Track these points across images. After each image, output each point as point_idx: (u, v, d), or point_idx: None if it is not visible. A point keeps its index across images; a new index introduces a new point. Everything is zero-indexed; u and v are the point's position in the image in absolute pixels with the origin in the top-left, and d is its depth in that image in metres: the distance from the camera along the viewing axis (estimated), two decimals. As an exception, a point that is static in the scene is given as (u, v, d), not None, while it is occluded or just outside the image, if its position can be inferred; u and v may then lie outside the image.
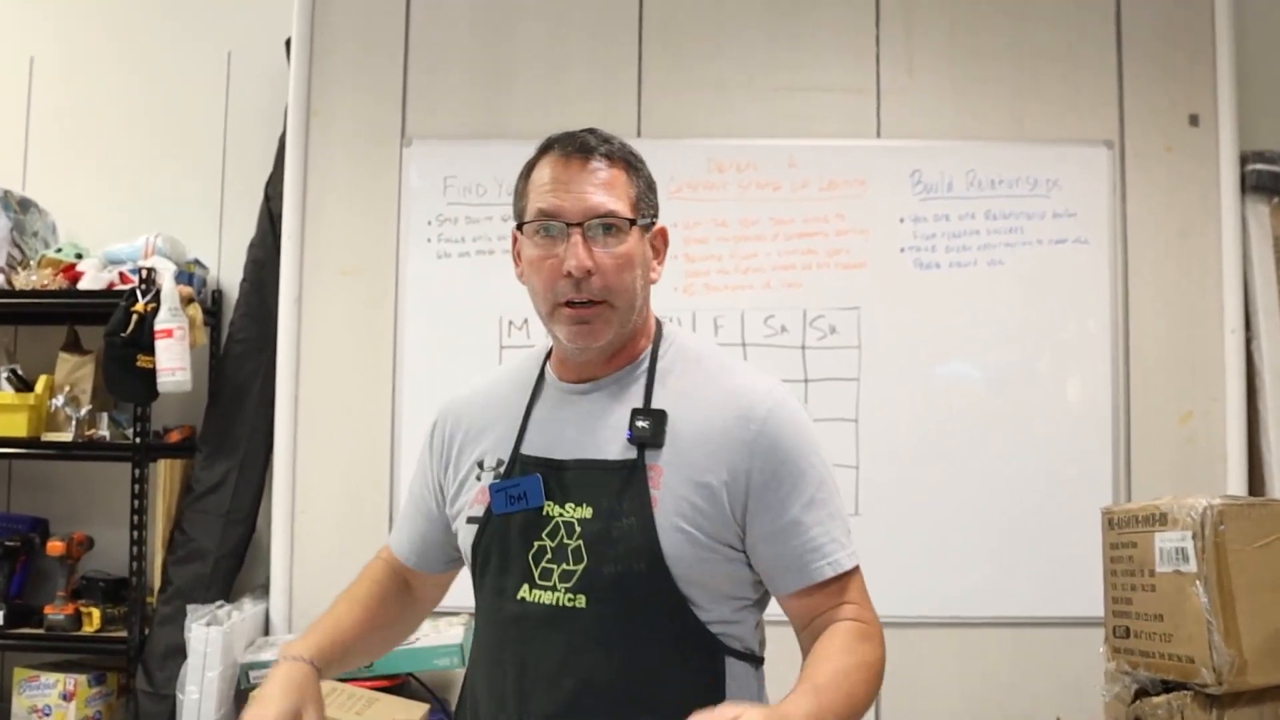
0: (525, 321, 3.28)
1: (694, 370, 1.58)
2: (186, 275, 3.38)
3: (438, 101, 3.38)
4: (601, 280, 1.48)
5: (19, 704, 3.17)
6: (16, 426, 3.27)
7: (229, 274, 3.59)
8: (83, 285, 3.33)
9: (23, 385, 3.32)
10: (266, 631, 3.28)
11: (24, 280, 3.31)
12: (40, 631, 3.22)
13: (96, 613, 3.23)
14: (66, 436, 3.28)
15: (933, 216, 3.28)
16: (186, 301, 3.27)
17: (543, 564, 1.49)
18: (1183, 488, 3.13)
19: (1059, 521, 3.18)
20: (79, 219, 3.59)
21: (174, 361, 3.18)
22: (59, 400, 3.29)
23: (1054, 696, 3.16)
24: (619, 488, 1.47)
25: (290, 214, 3.35)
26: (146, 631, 3.24)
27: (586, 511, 1.48)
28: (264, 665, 3.02)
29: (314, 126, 3.39)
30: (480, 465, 1.60)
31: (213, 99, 3.65)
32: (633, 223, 1.51)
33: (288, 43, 3.44)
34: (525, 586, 1.49)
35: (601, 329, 1.51)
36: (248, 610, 3.20)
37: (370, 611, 1.71)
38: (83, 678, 3.19)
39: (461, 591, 1.74)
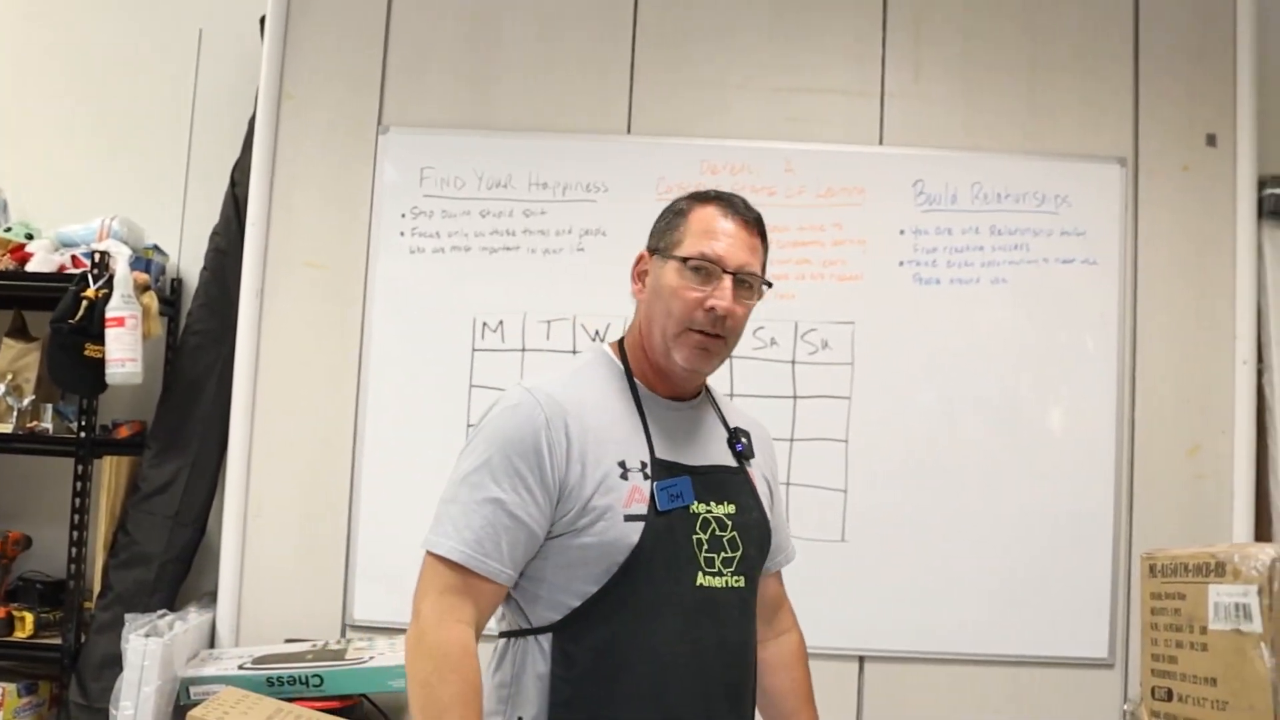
0: (500, 324, 3.10)
1: (723, 398, 1.94)
2: (144, 262, 3.20)
3: (418, 90, 3.20)
4: (732, 321, 1.74)
5: (-58, 712, 2.96)
6: (-47, 415, 3.07)
7: (190, 262, 3.40)
8: (31, 267, 3.14)
9: (-39, 371, 3.12)
10: (212, 644, 3.08)
11: (-32, 260, 3.12)
12: (-33, 635, 3.01)
13: (30, 617, 3.03)
14: (7, 428, 3.08)
15: (935, 229, 3.11)
16: (142, 289, 3.08)
17: (703, 554, 1.71)
18: (1189, 523, 3.02)
19: (1059, 555, 3.02)
20: (31, 198, 3.40)
21: (124, 352, 2.99)
22: (0, 389, 3.09)
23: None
24: (742, 488, 1.81)
25: (256, 201, 3.16)
26: (83, 639, 3.04)
27: (731, 508, 1.76)
28: (206, 680, 2.83)
29: (285, 110, 3.21)
30: (623, 466, 1.69)
31: (180, 77, 3.46)
32: (767, 285, 1.80)
33: (262, 21, 3.26)
34: (699, 575, 1.70)
35: (715, 358, 1.77)
36: (192, 620, 2.99)
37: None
38: (12, 686, 2.98)
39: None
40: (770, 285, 1.81)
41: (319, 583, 3.10)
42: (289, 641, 3.04)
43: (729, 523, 1.75)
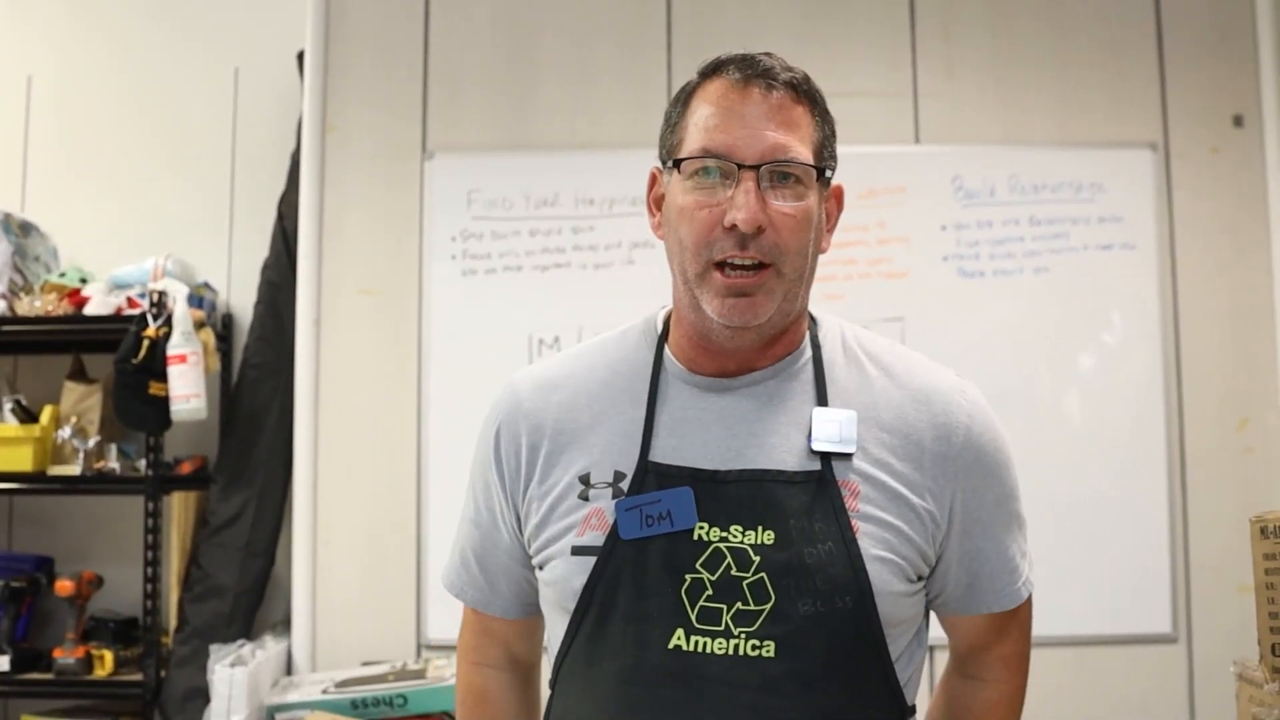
0: (556, 340, 3.15)
1: (867, 364, 1.32)
2: (197, 299, 3.23)
3: (460, 113, 3.26)
4: (774, 237, 1.20)
5: (27, 754, 2.99)
6: (21, 460, 3.10)
7: (239, 297, 3.44)
8: (89, 310, 3.17)
9: (27, 416, 3.15)
10: (289, 671, 3.11)
11: (27, 307, 3.15)
12: (49, 676, 3.04)
13: (109, 655, 3.05)
14: (74, 470, 3.11)
15: (975, 223, 3.18)
16: (199, 326, 3.12)
17: (701, 603, 1.19)
18: (1242, 494, 3.08)
19: (1116, 534, 3.08)
20: (80, 242, 3.43)
21: (188, 388, 3.03)
22: (65, 432, 3.13)
23: (1115, 718, 3.06)
24: (807, 506, 1.21)
25: (307, 232, 3.21)
26: (163, 674, 3.07)
27: (766, 536, 1.20)
28: (290, 708, 2.86)
29: (330, 142, 3.26)
30: (585, 481, 1.27)
31: (219, 117, 3.50)
32: (819, 173, 1.25)
33: (299, 56, 3.32)
34: (680, 633, 1.19)
35: (763, 301, 1.22)
36: (270, 649, 3.03)
37: None
38: (95, 725, 3.02)
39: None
40: (831, 169, 1.29)
41: (391, 606, 3.14)
42: (365, 665, 3.08)
43: (754, 557, 1.19)
